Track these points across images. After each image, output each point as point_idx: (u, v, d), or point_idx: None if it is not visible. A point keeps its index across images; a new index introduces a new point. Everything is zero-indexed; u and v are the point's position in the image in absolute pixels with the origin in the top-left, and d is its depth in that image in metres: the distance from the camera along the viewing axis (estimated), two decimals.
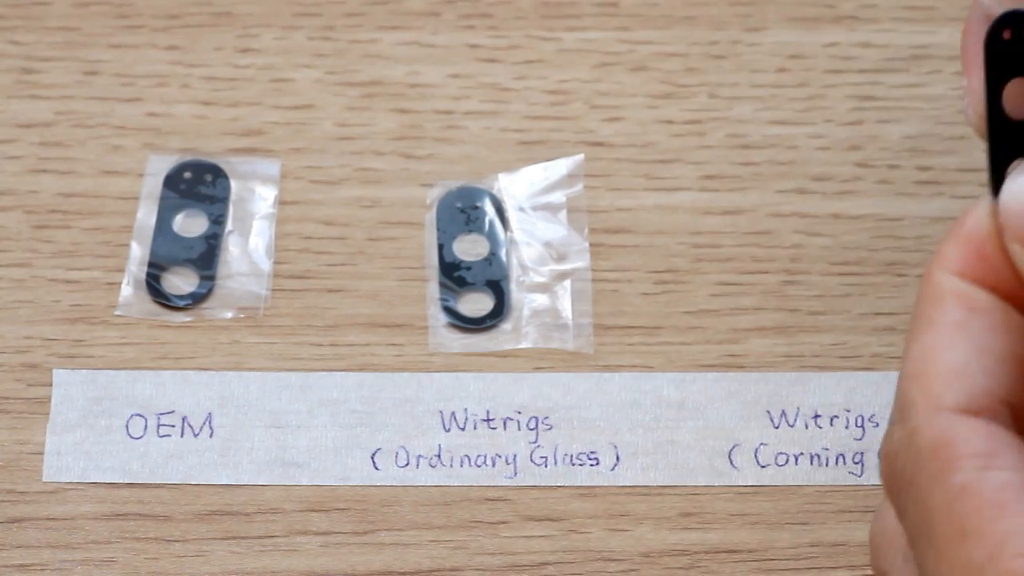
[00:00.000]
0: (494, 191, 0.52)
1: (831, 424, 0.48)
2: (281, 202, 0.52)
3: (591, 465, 0.47)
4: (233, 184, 0.52)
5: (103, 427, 0.48)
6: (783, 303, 0.50)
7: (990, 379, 0.30)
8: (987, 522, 0.28)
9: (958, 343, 0.31)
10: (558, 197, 0.52)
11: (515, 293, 0.50)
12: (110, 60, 0.55)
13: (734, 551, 0.46)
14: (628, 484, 0.47)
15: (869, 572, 0.36)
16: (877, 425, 0.47)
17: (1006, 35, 0.31)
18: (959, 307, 0.31)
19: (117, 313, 0.50)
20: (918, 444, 0.30)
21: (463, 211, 0.52)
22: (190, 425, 0.48)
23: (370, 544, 0.46)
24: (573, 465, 0.47)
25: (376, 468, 0.47)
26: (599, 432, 0.48)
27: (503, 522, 0.46)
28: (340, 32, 0.56)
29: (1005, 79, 0.32)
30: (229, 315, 0.50)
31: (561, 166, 0.53)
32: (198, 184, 0.52)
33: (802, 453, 0.47)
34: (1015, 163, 0.32)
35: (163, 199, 0.52)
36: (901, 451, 0.31)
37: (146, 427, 0.48)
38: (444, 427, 0.48)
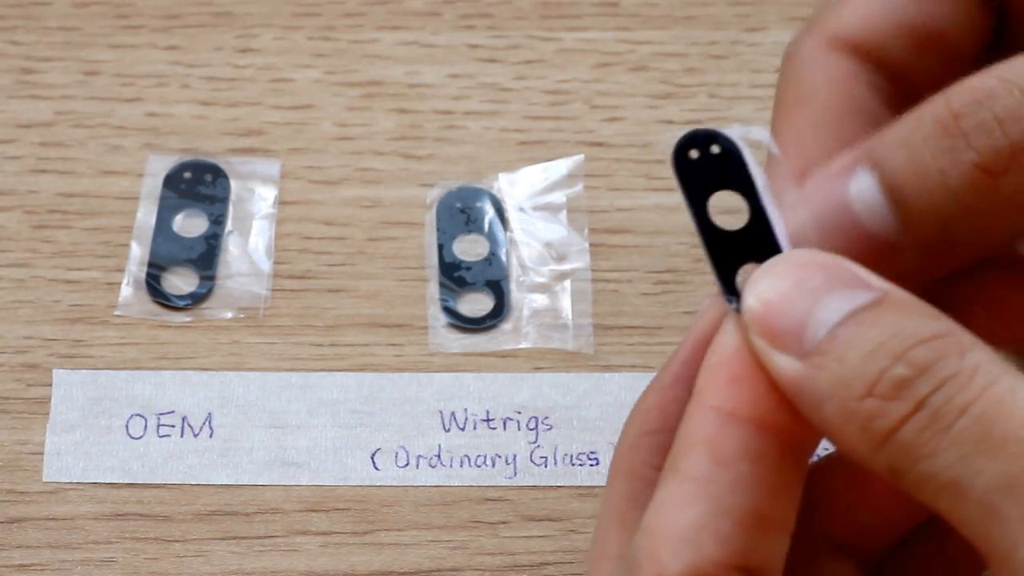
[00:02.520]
0: (494, 191, 0.52)
1: None
2: (281, 202, 0.52)
3: (591, 465, 0.47)
4: (233, 184, 0.52)
5: (103, 427, 0.48)
6: None
7: (722, 547, 0.29)
8: None
9: (695, 502, 0.30)
10: (558, 197, 0.52)
11: (515, 293, 0.50)
12: (110, 60, 0.55)
13: None
14: None
15: None
16: None
17: (693, 155, 0.31)
18: (704, 458, 0.30)
19: (117, 313, 0.50)
20: None
21: (463, 211, 0.52)
22: (190, 425, 0.48)
23: (370, 544, 0.46)
24: (573, 465, 0.47)
25: (376, 468, 0.47)
26: (599, 432, 0.48)
27: (503, 522, 0.46)
28: (340, 32, 0.56)
29: (706, 195, 0.32)
30: (229, 315, 0.50)
31: (561, 166, 0.53)
32: (198, 184, 0.52)
33: None
34: (743, 270, 0.32)
35: (163, 199, 0.52)
36: None
37: (146, 427, 0.48)
38: (444, 427, 0.48)
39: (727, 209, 0.32)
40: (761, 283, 0.31)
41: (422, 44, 0.56)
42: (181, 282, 0.50)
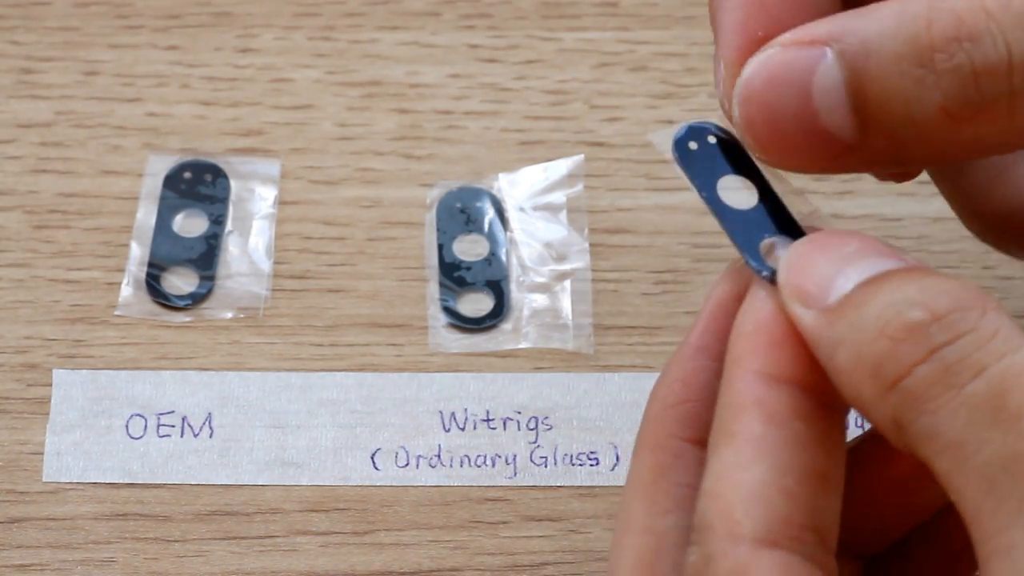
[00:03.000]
0: (494, 191, 0.52)
1: None
2: (281, 202, 0.52)
3: (591, 465, 0.47)
4: (233, 184, 0.52)
5: (103, 427, 0.48)
6: None
7: (790, 504, 0.29)
8: None
9: (756, 462, 0.29)
10: (558, 197, 0.52)
11: (515, 293, 0.50)
12: (110, 60, 0.55)
13: None
14: None
15: None
16: None
17: (693, 146, 0.32)
18: (758, 420, 0.30)
19: (117, 313, 0.50)
20: (713, 574, 0.29)
21: (463, 211, 0.52)
22: (190, 425, 0.48)
23: (370, 544, 0.46)
24: (573, 465, 0.47)
25: (376, 468, 0.47)
26: (599, 432, 0.48)
27: (503, 522, 0.46)
28: (340, 32, 0.56)
29: (713, 181, 0.33)
30: (229, 315, 0.50)
31: (561, 166, 0.53)
32: (198, 184, 0.52)
33: None
34: (765, 243, 0.32)
35: (163, 199, 0.52)
36: None
37: (146, 427, 0.48)
38: (444, 427, 0.48)
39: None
40: (794, 251, 0.31)
41: (422, 44, 0.56)
42: (181, 282, 0.50)
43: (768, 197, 0.33)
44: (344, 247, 0.51)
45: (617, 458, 0.47)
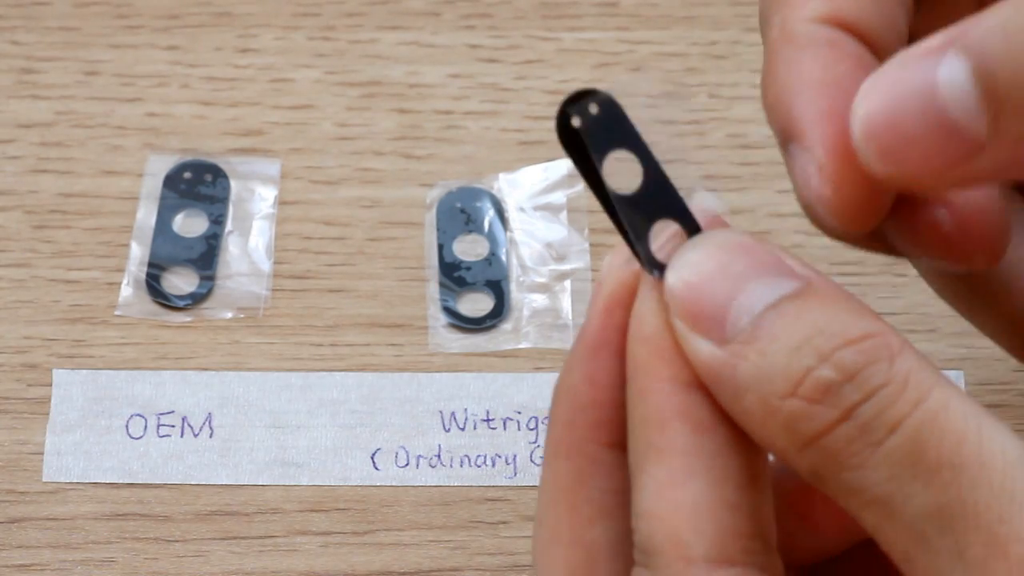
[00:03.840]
0: (494, 191, 0.52)
1: None
2: (281, 202, 0.52)
3: None
4: (233, 184, 0.52)
5: (103, 427, 0.48)
6: None
7: (735, 515, 0.29)
8: None
9: (693, 477, 0.29)
10: (558, 197, 0.52)
11: (515, 293, 0.50)
12: (110, 60, 0.55)
13: None
14: None
15: None
16: None
17: (576, 123, 0.30)
18: (684, 430, 0.29)
19: (117, 313, 0.50)
20: None
21: (463, 211, 0.52)
22: (190, 425, 0.48)
23: (370, 544, 0.46)
24: None
25: (376, 468, 0.47)
26: None
27: (503, 522, 0.46)
28: (340, 32, 0.56)
29: (600, 161, 0.30)
30: (229, 315, 0.50)
31: (561, 166, 0.53)
32: (198, 184, 0.52)
33: None
34: (654, 230, 0.30)
35: (163, 199, 0.52)
36: None
37: (146, 427, 0.48)
38: (444, 427, 0.48)
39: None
40: (683, 263, 0.30)
41: (422, 44, 0.56)
42: (181, 282, 0.50)
43: (656, 176, 0.30)
44: (344, 247, 0.51)
45: None
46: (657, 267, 0.30)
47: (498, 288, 0.50)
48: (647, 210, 0.30)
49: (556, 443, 0.32)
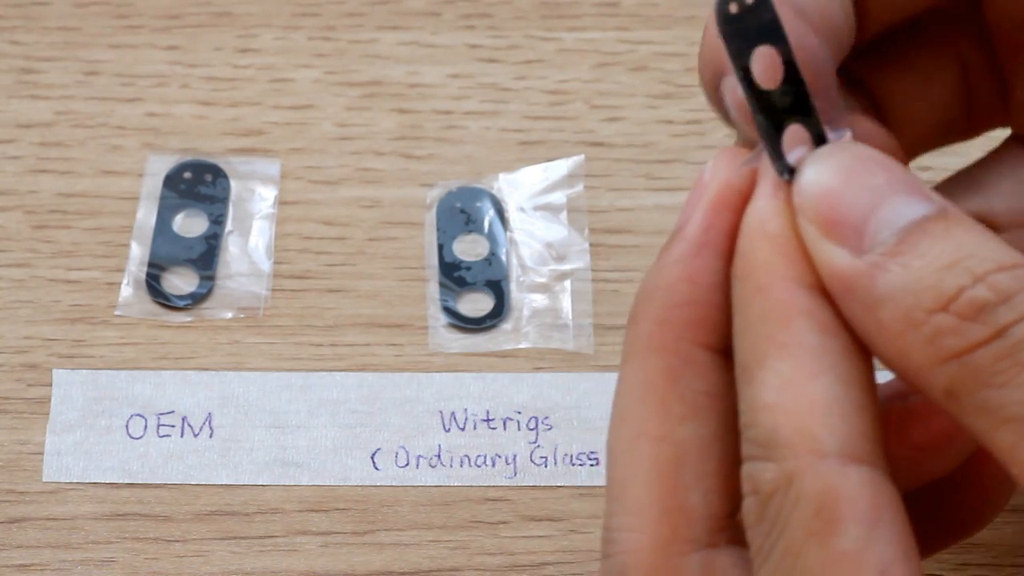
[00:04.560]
0: (494, 191, 0.52)
1: None
2: (281, 202, 0.52)
3: (591, 465, 0.47)
4: (233, 184, 0.52)
5: (103, 427, 0.48)
6: None
7: (863, 418, 0.29)
8: None
9: (822, 374, 0.29)
10: (558, 197, 0.52)
11: (515, 293, 0.50)
12: (110, 60, 0.55)
13: None
14: None
15: None
16: None
17: (733, 8, 0.30)
18: (811, 329, 0.29)
19: (117, 313, 0.50)
20: (799, 492, 0.28)
21: (463, 211, 0.52)
22: (190, 425, 0.48)
23: (370, 544, 0.46)
24: (573, 465, 0.47)
25: (376, 468, 0.47)
26: (599, 432, 0.48)
27: (503, 522, 0.46)
28: (340, 32, 0.56)
29: (747, 52, 0.30)
30: (229, 315, 0.50)
31: (561, 166, 0.53)
32: (198, 184, 0.52)
33: None
34: (788, 131, 0.30)
35: (163, 199, 0.52)
36: (777, 494, 0.29)
37: (146, 427, 0.48)
38: (444, 427, 0.48)
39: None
40: (819, 166, 0.30)
41: (422, 44, 0.56)
42: (181, 282, 0.50)
43: (792, 78, 0.31)
44: (344, 247, 0.51)
45: None
46: (788, 169, 0.30)
47: (498, 288, 0.50)
48: (783, 110, 0.31)
49: (647, 339, 0.32)
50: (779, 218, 0.30)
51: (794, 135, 0.31)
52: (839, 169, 0.30)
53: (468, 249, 0.51)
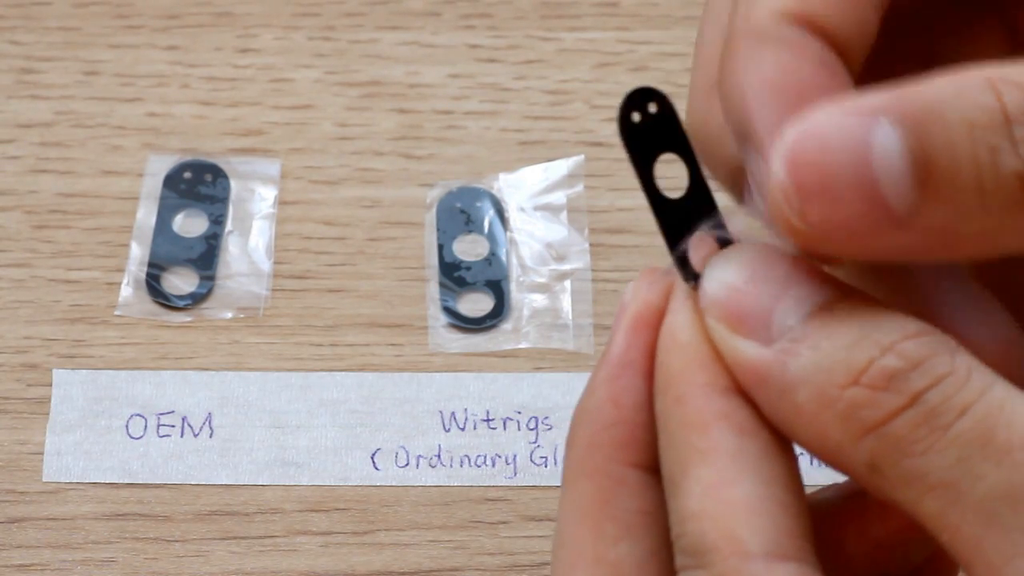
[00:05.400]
0: (494, 191, 0.52)
1: None
2: (281, 202, 0.52)
3: None
4: (233, 184, 0.52)
5: (103, 427, 0.48)
6: None
7: (787, 515, 0.29)
8: None
9: (742, 477, 0.29)
10: (558, 197, 0.52)
11: (515, 293, 0.50)
12: (110, 60, 0.55)
13: None
14: None
15: None
16: None
17: (636, 118, 0.30)
18: (729, 433, 0.29)
19: (117, 313, 0.50)
20: None
21: (463, 211, 0.52)
22: (190, 425, 0.48)
23: (370, 544, 0.46)
24: None
25: (376, 468, 0.47)
26: None
27: (503, 522, 0.46)
28: (340, 32, 0.56)
29: (651, 160, 0.31)
30: (229, 315, 0.50)
31: (561, 166, 0.53)
32: (198, 184, 0.52)
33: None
34: (693, 239, 0.31)
35: (163, 199, 0.52)
36: None
37: (146, 427, 0.48)
38: (444, 427, 0.48)
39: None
40: (721, 268, 0.30)
41: (422, 44, 0.56)
42: (181, 282, 0.50)
43: (696, 184, 0.31)
44: (344, 247, 0.51)
45: None
46: (693, 276, 0.31)
47: (498, 288, 0.50)
48: (687, 217, 0.31)
49: (579, 464, 0.32)
50: (689, 327, 0.31)
51: (701, 239, 0.31)
52: (741, 266, 0.30)
53: (468, 249, 0.51)
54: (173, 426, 0.48)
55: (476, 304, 0.50)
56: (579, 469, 0.32)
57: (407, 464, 0.47)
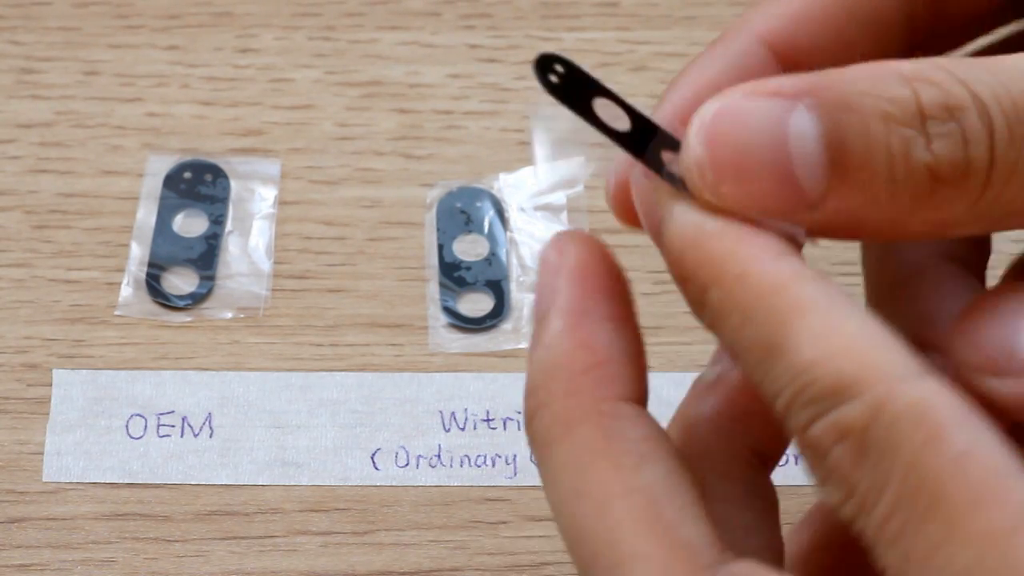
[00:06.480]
0: (494, 191, 0.52)
1: None
2: (281, 202, 0.52)
3: None
4: (233, 184, 0.52)
5: (103, 427, 0.48)
6: None
7: (898, 341, 0.29)
8: (1004, 490, 0.27)
9: (848, 314, 0.29)
10: (558, 197, 0.52)
11: (515, 293, 0.50)
12: (110, 60, 0.55)
13: None
14: None
15: None
16: None
17: (554, 79, 0.31)
18: (815, 283, 0.30)
19: (117, 313, 0.50)
20: (894, 414, 0.28)
21: (463, 211, 0.52)
22: (190, 425, 0.48)
23: (370, 544, 0.46)
24: None
25: (376, 468, 0.47)
26: None
27: (503, 522, 0.46)
28: (340, 32, 0.56)
29: (588, 105, 0.32)
30: (229, 315, 0.50)
31: (562, 166, 0.53)
32: (198, 184, 0.52)
33: None
34: (651, 147, 0.32)
35: (163, 199, 0.52)
36: (873, 424, 0.29)
37: (146, 427, 0.48)
38: (444, 427, 0.48)
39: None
40: (964, 318, 0.31)
41: (422, 44, 0.56)
42: (181, 282, 0.50)
43: (634, 115, 0.32)
44: (344, 247, 0.51)
45: None
46: (670, 176, 0.32)
47: (498, 288, 0.50)
48: (641, 138, 0.32)
49: (565, 416, 0.32)
50: (704, 216, 0.31)
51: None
52: (975, 308, 0.31)
53: (468, 249, 0.51)
54: (173, 426, 0.48)
55: (476, 304, 0.50)
56: (566, 421, 0.32)
57: (407, 464, 0.47)
